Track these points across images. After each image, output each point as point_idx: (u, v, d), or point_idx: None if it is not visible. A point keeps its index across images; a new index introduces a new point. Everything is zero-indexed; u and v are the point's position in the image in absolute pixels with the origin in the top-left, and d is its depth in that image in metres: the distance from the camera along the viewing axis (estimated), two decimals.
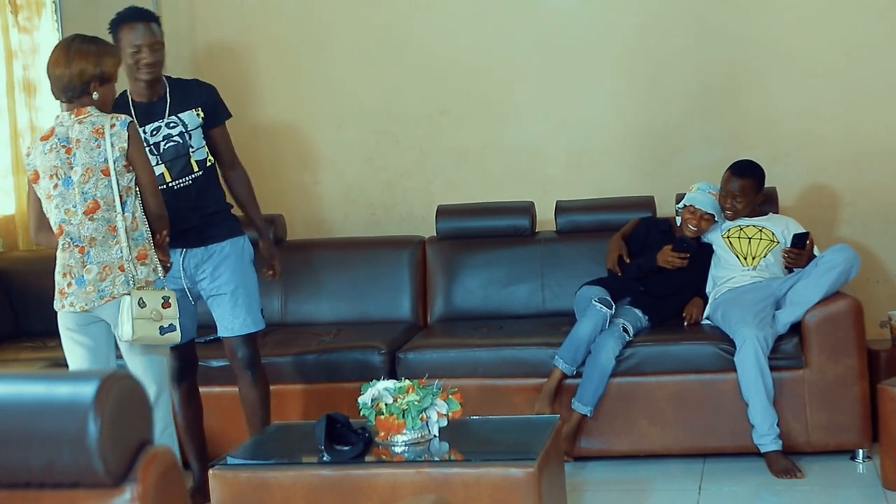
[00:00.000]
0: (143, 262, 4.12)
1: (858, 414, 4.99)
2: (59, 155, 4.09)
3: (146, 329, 4.04)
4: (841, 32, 5.96)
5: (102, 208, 4.07)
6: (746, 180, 5.38)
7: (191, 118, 4.65)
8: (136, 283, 4.08)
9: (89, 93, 4.10)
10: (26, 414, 2.04)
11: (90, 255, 4.09)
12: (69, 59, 4.08)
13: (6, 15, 6.13)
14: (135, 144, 4.08)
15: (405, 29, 6.34)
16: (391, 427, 3.87)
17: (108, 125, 4.05)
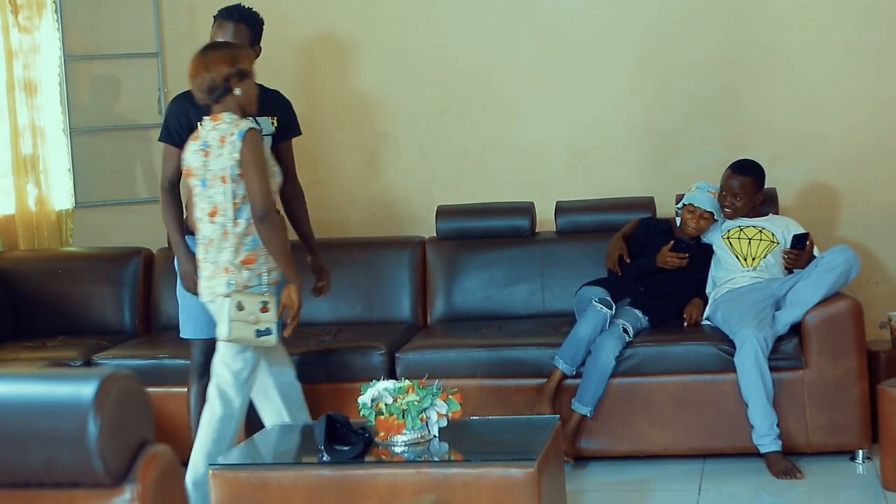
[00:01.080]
0: (249, 266, 4.28)
1: (858, 415, 4.99)
2: (199, 157, 4.33)
3: (242, 331, 4.25)
4: (840, 33, 5.96)
5: (220, 213, 4.29)
6: (746, 178, 5.38)
7: (266, 124, 4.74)
8: (237, 287, 4.25)
9: (231, 90, 4.29)
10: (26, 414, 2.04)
11: (209, 254, 4.33)
12: (207, 63, 4.29)
13: (6, 14, 6.13)
14: (249, 152, 4.22)
15: (406, 29, 6.34)
16: (391, 427, 3.87)
17: (229, 134, 4.24)
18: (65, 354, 5.49)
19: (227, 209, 4.27)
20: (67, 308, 5.97)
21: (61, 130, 6.45)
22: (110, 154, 6.58)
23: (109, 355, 5.51)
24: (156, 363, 5.41)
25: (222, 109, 4.31)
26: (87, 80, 6.55)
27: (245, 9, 4.83)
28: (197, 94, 4.36)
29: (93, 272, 6.07)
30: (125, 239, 6.39)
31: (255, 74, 4.41)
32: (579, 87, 6.17)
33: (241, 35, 4.71)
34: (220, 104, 4.31)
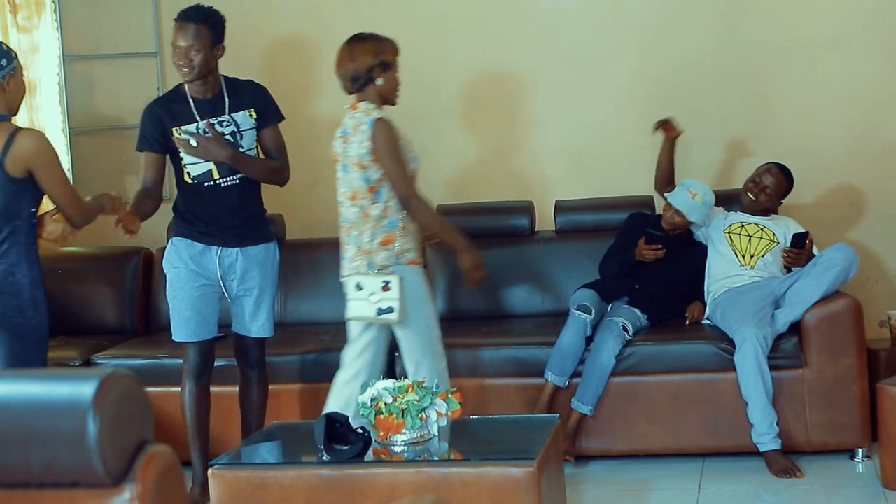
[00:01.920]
0: (386, 247, 4.45)
1: (858, 413, 5.00)
2: (340, 144, 4.55)
3: (362, 310, 4.44)
4: (840, 35, 5.95)
5: (359, 197, 4.47)
6: (782, 180, 5.44)
7: (244, 119, 4.78)
8: (376, 267, 4.43)
9: (373, 80, 4.48)
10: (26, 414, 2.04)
11: (351, 236, 4.52)
12: (352, 53, 4.50)
13: (6, 14, 6.13)
14: (379, 140, 4.40)
15: (405, 29, 6.33)
16: (390, 427, 3.87)
17: (360, 123, 4.44)
18: (64, 354, 5.49)
19: (364, 193, 4.46)
20: (67, 308, 5.97)
21: (60, 130, 6.45)
22: (109, 154, 6.58)
23: (109, 355, 5.51)
24: (155, 363, 5.41)
25: (362, 98, 4.50)
26: (87, 80, 6.55)
27: (204, 9, 4.76)
28: (341, 82, 4.53)
29: (92, 272, 6.08)
30: (125, 239, 6.37)
31: (398, 66, 4.59)
32: (579, 86, 6.17)
33: (202, 36, 4.66)
34: (361, 93, 4.50)
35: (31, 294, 4.03)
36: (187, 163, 4.74)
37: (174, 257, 4.81)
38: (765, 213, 5.50)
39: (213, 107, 4.74)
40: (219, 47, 4.75)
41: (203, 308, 4.77)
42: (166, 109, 4.74)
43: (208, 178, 4.74)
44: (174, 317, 4.80)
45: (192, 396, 4.83)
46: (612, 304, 5.32)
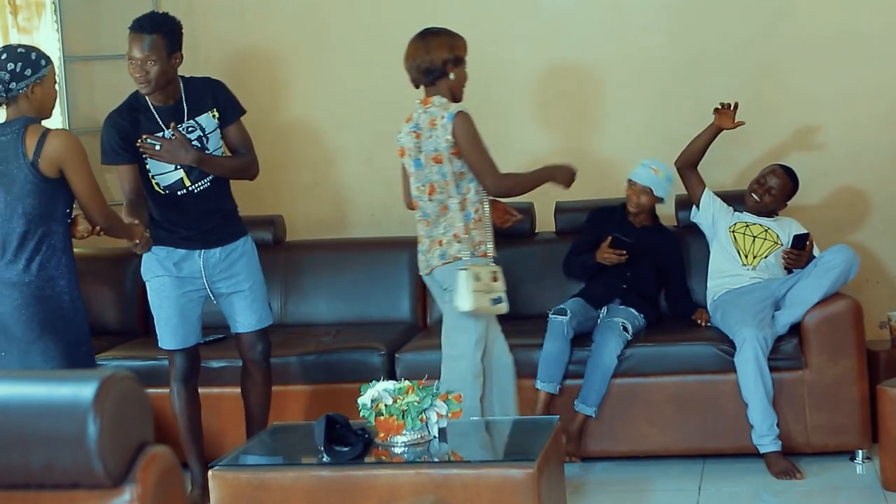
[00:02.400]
0: (458, 239, 4.51)
1: (858, 415, 5.00)
2: (411, 139, 4.61)
3: (481, 301, 4.46)
4: (844, 36, 5.95)
5: (437, 191, 4.54)
6: (787, 181, 5.44)
7: (208, 121, 4.72)
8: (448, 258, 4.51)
9: (447, 74, 4.55)
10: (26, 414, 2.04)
11: (427, 230, 4.61)
12: (428, 46, 4.57)
13: (6, 15, 6.13)
14: (461, 133, 4.47)
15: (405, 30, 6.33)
16: (391, 428, 3.87)
17: (439, 117, 4.50)
18: None
19: (444, 187, 4.53)
20: None
21: None
22: None
23: (109, 356, 5.51)
24: (155, 364, 5.40)
25: (434, 92, 4.58)
26: (87, 80, 6.55)
27: (159, 17, 4.64)
28: (413, 74, 4.60)
29: (93, 273, 6.05)
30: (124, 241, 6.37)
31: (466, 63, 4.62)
32: (579, 87, 6.17)
33: (157, 46, 4.52)
34: (433, 87, 4.57)
35: (69, 296, 4.10)
36: (155, 174, 4.67)
37: (156, 266, 4.76)
38: (769, 213, 5.50)
39: (175, 114, 4.65)
40: (176, 56, 4.62)
41: (190, 314, 4.78)
42: (130, 119, 4.65)
43: (180, 187, 4.68)
44: (161, 325, 4.80)
45: (182, 399, 4.84)
46: (606, 308, 5.32)
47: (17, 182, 4.00)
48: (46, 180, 4.00)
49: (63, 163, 4.00)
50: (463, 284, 4.43)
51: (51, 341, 4.05)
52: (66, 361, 4.05)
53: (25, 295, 4.03)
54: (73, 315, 4.11)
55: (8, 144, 4.00)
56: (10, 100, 4.05)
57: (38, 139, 3.98)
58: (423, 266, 4.65)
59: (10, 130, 4.02)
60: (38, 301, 4.04)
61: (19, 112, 4.05)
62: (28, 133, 3.99)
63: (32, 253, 4.04)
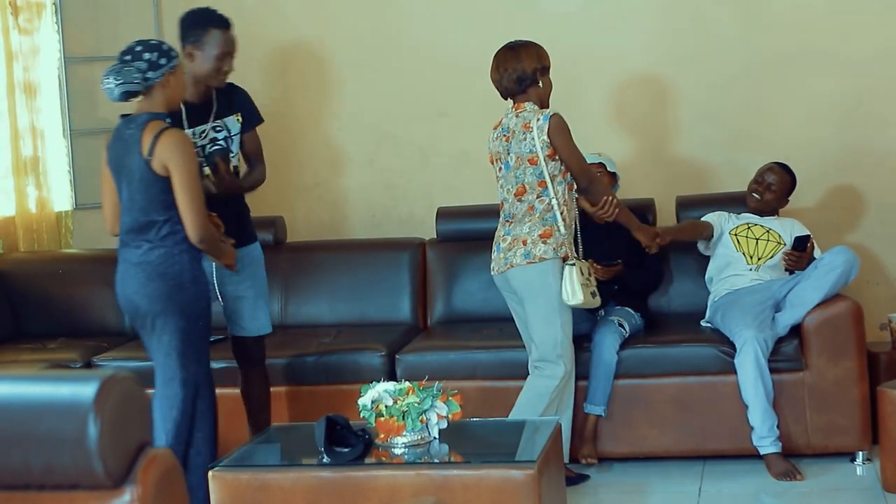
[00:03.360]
0: (545, 240, 4.66)
1: (858, 416, 5.00)
2: (502, 143, 4.78)
3: (586, 294, 4.65)
4: (842, 38, 5.96)
5: (528, 191, 4.70)
6: (785, 176, 5.46)
7: (233, 123, 4.79)
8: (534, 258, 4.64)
9: (537, 81, 4.74)
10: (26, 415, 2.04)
11: (509, 229, 4.77)
12: (518, 55, 4.76)
13: (7, 17, 6.13)
14: (558, 134, 4.65)
15: (406, 31, 6.34)
16: (391, 429, 3.87)
17: (534, 120, 4.66)
18: (65, 356, 5.48)
19: (534, 188, 4.70)
20: (67, 310, 5.97)
21: (61, 132, 6.45)
22: None
23: (109, 357, 5.51)
24: None
25: (525, 99, 4.75)
26: (88, 81, 6.54)
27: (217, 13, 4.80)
28: (505, 84, 4.77)
29: (93, 274, 6.07)
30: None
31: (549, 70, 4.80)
32: (578, 88, 6.17)
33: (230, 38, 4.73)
34: (523, 94, 4.74)
35: (191, 274, 4.30)
36: None
37: None
38: (771, 212, 5.50)
39: (204, 112, 4.71)
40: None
41: None
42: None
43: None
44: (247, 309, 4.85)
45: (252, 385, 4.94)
46: (603, 310, 5.33)
47: (135, 175, 4.23)
48: (157, 177, 4.19)
49: (168, 163, 4.17)
50: (572, 279, 4.63)
51: (171, 315, 4.28)
52: (183, 334, 4.30)
53: (148, 273, 4.28)
54: (194, 292, 4.31)
55: (131, 138, 4.22)
56: (147, 89, 4.25)
57: (153, 136, 4.17)
58: (501, 264, 4.79)
59: (135, 125, 4.24)
60: (160, 278, 4.27)
61: (152, 104, 4.26)
62: (147, 129, 4.19)
63: (153, 237, 4.27)
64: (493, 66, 4.84)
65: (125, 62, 4.27)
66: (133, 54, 4.27)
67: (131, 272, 4.33)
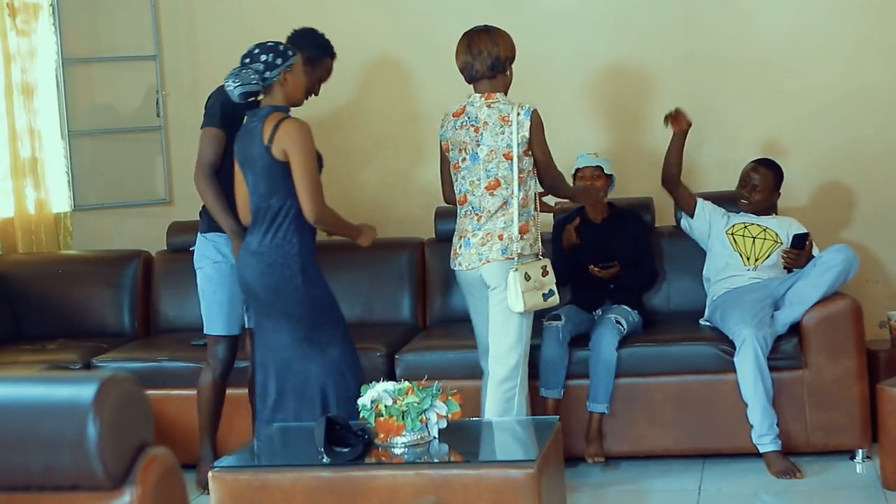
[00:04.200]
0: (524, 235, 4.59)
1: (857, 414, 5.00)
2: (468, 133, 4.66)
3: (534, 299, 4.56)
4: (839, 36, 5.96)
5: (502, 186, 4.60)
6: (768, 172, 5.46)
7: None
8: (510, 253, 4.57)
9: (506, 70, 4.67)
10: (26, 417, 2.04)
11: (480, 224, 4.64)
12: (495, 39, 4.69)
13: (4, 18, 6.13)
14: (537, 130, 4.60)
15: (405, 31, 6.34)
16: (391, 429, 3.87)
17: (514, 114, 4.57)
18: (64, 357, 5.48)
19: (510, 182, 4.58)
20: (66, 311, 5.97)
21: (59, 133, 6.45)
22: (109, 157, 6.58)
23: (109, 358, 5.50)
24: (155, 366, 5.42)
25: (492, 87, 4.66)
26: (86, 82, 6.55)
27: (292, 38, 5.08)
28: (477, 66, 4.66)
29: (92, 275, 6.07)
30: (124, 241, 6.39)
31: None
32: (577, 89, 6.17)
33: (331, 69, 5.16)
34: (492, 81, 4.66)
35: (300, 265, 4.43)
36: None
37: (213, 251, 4.91)
38: (766, 211, 5.50)
39: None
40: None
41: (238, 303, 4.90)
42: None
43: None
44: (213, 310, 4.91)
45: (214, 386, 4.96)
46: (600, 310, 5.33)
47: (257, 163, 4.41)
48: (277, 163, 4.37)
49: (287, 149, 4.36)
50: (515, 286, 4.52)
51: (288, 304, 4.42)
52: (303, 321, 4.44)
53: (264, 262, 4.42)
54: (303, 280, 4.42)
55: (254, 130, 4.42)
56: (266, 88, 4.45)
57: (274, 125, 4.37)
58: (474, 260, 4.65)
59: (258, 117, 4.44)
60: (272, 269, 4.41)
61: (273, 100, 4.47)
62: (268, 119, 4.40)
63: (269, 225, 4.43)
64: (462, 46, 4.72)
65: (244, 65, 4.46)
66: (251, 57, 4.47)
67: (250, 260, 4.47)
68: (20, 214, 6.22)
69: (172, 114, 6.47)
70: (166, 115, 6.49)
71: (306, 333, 4.45)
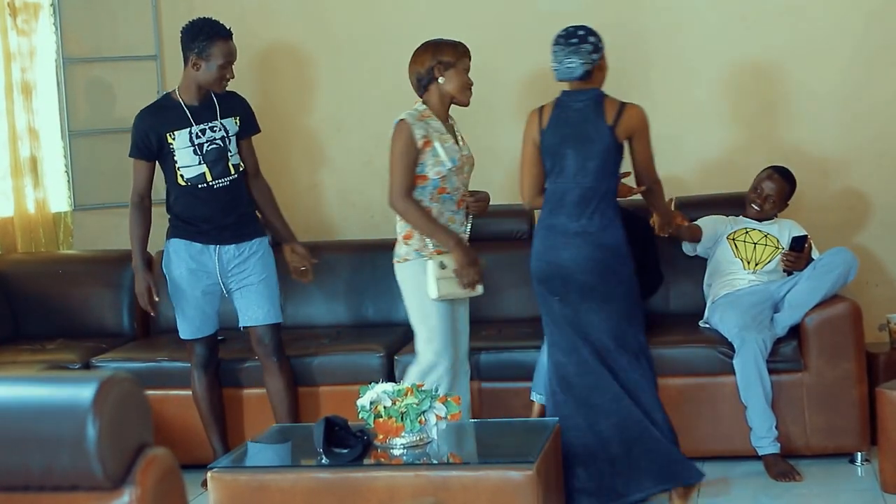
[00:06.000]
0: (407, 241, 4.70)
1: (857, 417, 5.00)
2: None
3: (449, 287, 4.63)
4: (841, 39, 5.96)
5: None
6: (784, 184, 5.44)
7: (231, 125, 5.02)
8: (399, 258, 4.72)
9: (436, 79, 4.74)
10: (25, 417, 2.04)
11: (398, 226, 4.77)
12: (413, 58, 4.82)
13: (5, 17, 6.13)
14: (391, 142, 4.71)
15: (405, 31, 6.34)
16: (390, 430, 3.87)
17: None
18: (63, 357, 5.48)
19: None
20: (66, 311, 5.97)
21: (59, 133, 6.44)
22: (109, 157, 6.57)
23: (108, 358, 5.51)
24: (155, 366, 5.42)
25: (426, 100, 4.80)
26: (86, 82, 6.55)
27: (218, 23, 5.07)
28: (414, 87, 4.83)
29: (91, 275, 6.07)
30: (124, 241, 6.37)
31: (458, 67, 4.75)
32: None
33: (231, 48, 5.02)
34: (427, 94, 4.79)
35: (622, 243, 4.47)
36: (181, 165, 4.94)
37: (175, 258, 5.03)
38: (769, 217, 5.49)
39: (205, 112, 4.96)
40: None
41: (206, 307, 5.03)
42: (160, 117, 4.96)
43: (202, 181, 4.96)
44: (179, 316, 5.06)
45: (202, 384, 5.10)
46: None
47: (594, 143, 4.45)
48: (617, 145, 4.46)
49: (635, 132, 4.48)
50: (427, 273, 4.61)
51: (612, 284, 4.44)
52: (627, 301, 4.48)
53: (588, 242, 4.42)
54: (627, 262, 4.47)
55: (586, 110, 4.48)
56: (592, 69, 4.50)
57: (617, 108, 4.47)
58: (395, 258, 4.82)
59: (588, 98, 4.49)
60: (599, 249, 4.43)
61: (591, 83, 4.51)
62: (607, 102, 4.48)
63: (597, 205, 4.44)
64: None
65: (573, 44, 4.49)
66: (578, 38, 4.51)
67: (569, 241, 4.44)
68: (20, 214, 6.22)
69: None
70: None
71: (627, 311, 4.47)
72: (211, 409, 5.11)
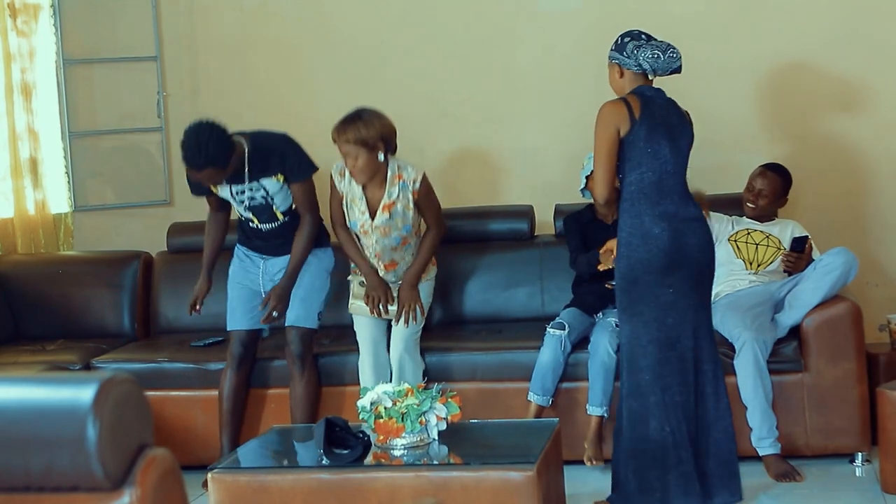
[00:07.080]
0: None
1: (857, 417, 5.00)
2: None
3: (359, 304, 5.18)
4: (838, 39, 5.96)
5: None
6: (775, 178, 5.43)
7: (271, 184, 5.09)
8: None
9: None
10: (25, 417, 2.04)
11: None
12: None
13: (5, 18, 6.14)
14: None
15: (405, 31, 6.34)
16: (390, 430, 3.87)
17: None
18: (64, 358, 5.48)
19: None
20: (66, 312, 5.97)
21: (59, 134, 6.44)
22: (109, 158, 6.58)
23: (108, 359, 5.51)
24: (155, 367, 5.41)
25: None
26: (86, 83, 6.55)
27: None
28: None
29: (92, 276, 6.07)
30: (124, 242, 6.39)
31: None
32: (578, 89, 6.17)
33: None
34: None
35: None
36: (235, 204, 5.16)
37: (234, 258, 5.30)
38: (770, 217, 5.49)
39: (235, 177, 5.02)
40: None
41: (249, 300, 5.17)
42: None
43: (251, 222, 5.21)
44: (227, 308, 5.26)
45: (231, 384, 5.15)
46: (602, 312, 5.32)
47: (685, 134, 4.58)
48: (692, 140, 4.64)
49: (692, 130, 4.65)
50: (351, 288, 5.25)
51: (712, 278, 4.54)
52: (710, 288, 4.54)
53: (705, 229, 4.48)
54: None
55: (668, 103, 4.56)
56: None
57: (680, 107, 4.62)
58: None
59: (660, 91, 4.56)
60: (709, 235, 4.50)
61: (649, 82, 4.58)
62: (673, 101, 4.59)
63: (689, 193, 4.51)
64: None
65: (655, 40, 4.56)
66: (647, 36, 4.60)
67: (693, 225, 4.45)
68: (20, 215, 6.22)
69: (173, 115, 6.47)
70: (167, 115, 6.49)
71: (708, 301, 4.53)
72: (231, 411, 5.13)
